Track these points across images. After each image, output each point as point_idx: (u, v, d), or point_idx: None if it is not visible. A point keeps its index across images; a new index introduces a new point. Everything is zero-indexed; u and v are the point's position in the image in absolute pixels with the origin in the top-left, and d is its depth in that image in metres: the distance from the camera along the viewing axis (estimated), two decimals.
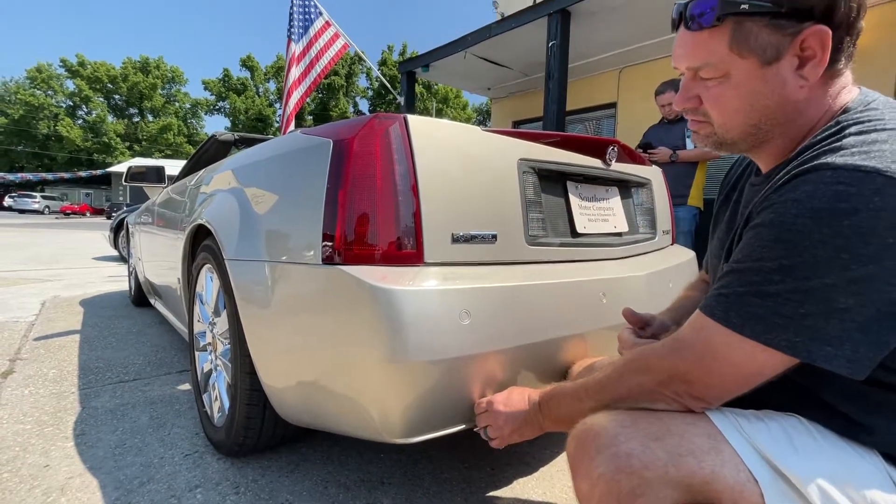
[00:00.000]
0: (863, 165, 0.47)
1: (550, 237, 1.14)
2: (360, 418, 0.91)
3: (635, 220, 1.47)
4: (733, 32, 0.55)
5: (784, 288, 0.49)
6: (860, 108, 0.55)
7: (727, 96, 0.58)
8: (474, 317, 0.86)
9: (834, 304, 0.47)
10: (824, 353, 0.48)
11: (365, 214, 0.89)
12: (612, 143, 1.31)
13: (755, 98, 0.57)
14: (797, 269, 0.48)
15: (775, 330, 0.50)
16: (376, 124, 0.92)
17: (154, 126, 42.55)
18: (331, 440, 1.39)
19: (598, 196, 1.32)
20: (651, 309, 1.25)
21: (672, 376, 0.57)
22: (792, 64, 0.54)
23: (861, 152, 0.48)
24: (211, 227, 1.27)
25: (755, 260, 0.52)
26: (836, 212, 0.46)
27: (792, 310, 0.49)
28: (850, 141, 0.50)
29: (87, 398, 1.66)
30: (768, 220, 0.51)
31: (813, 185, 0.48)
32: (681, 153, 2.77)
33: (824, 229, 0.46)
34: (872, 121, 0.52)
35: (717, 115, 0.61)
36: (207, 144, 2.37)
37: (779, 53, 0.54)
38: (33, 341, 2.36)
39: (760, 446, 0.53)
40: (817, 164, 0.50)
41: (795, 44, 0.53)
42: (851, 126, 0.52)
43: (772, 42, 0.54)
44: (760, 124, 0.59)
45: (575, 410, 0.67)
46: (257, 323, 1.06)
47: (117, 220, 5.89)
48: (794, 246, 0.48)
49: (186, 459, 1.27)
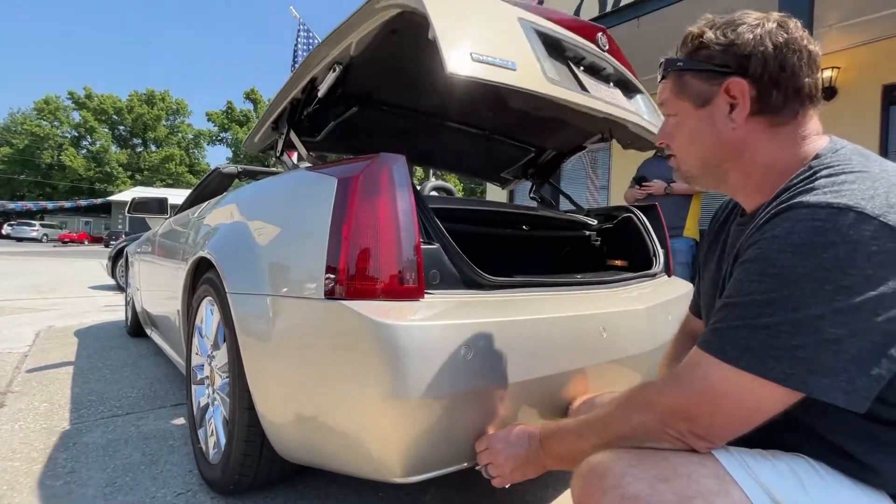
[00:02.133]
0: (835, 202, 0.50)
1: (565, 83, 1.19)
2: (360, 456, 0.90)
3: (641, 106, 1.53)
4: (676, 80, 0.69)
5: (775, 320, 0.51)
6: (829, 153, 0.60)
7: (679, 133, 0.71)
8: (476, 352, 0.86)
9: (824, 335, 0.48)
10: (820, 385, 0.49)
11: (367, 249, 0.90)
12: (600, 29, 1.40)
13: (695, 134, 0.68)
14: (786, 302, 0.50)
15: (770, 362, 0.51)
16: (380, 163, 0.95)
17: (156, 156, 43.18)
18: (327, 478, 1.36)
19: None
20: (651, 343, 1.25)
21: (674, 413, 0.57)
22: (724, 108, 0.64)
23: (832, 191, 0.52)
24: (213, 260, 1.28)
25: (745, 294, 0.54)
26: (815, 245, 0.49)
27: (785, 341, 0.50)
28: (821, 182, 0.55)
29: (78, 433, 1.63)
30: (754, 255, 0.54)
31: (791, 222, 0.52)
32: (675, 185, 2.82)
33: (805, 262, 0.49)
34: (840, 164, 0.56)
35: (676, 149, 0.73)
36: (211, 176, 2.41)
37: (708, 98, 0.65)
38: (26, 373, 2.32)
39: (769, 487, 0.53)
40: (793, 203, 0.54)
41: (722, 92, 0.64)
42: (822, 170, 0.57)
43: (702, 90, 0.66)
44: (706, 157, 0.69)
45: (577, 448, 0.66)
46: (258, 357, 1.06)
47: (116, 249, 5.89)
48: (779, 279, 0.51)
49: (179, 499, 1.24)
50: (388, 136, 1.92)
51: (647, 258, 1.58)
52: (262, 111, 2.99)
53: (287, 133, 1.48)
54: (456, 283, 1.02)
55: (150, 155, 43.62)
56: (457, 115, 1.79)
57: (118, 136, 43.95)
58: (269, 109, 1.55)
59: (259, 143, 1.75)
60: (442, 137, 1.93)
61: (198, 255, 1.43)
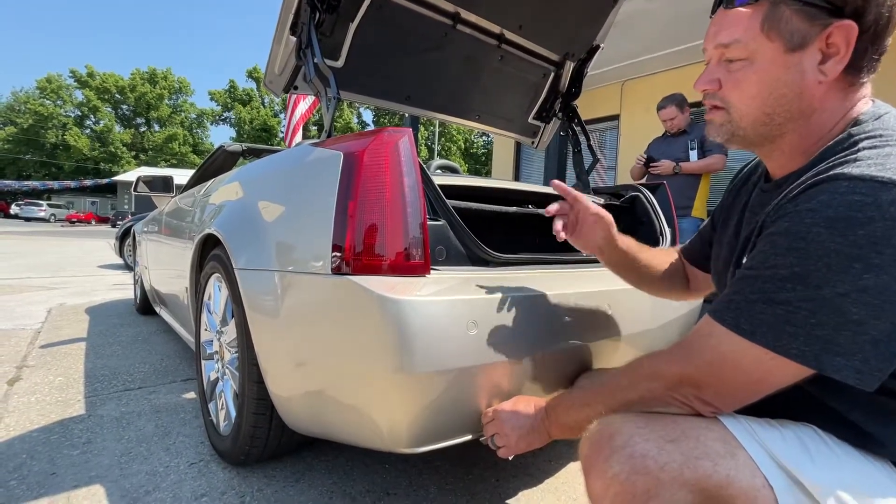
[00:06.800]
0: (879, 176, 0.47)
1: None
2: (367, 428, 0.92)
3: None
4: (767, 12, 0.57)
5: (796, 296, 0.49)
6: (871, 120, 0.56)
7: (749, 80, 0.60)
8: (482, 327, 0.87)
9: (846, 316, 0.47)
10: (834, 364, 0.49)
11: (374, 225, 0.90)
12: None
13: (774, 85, 0.58)
14: (810, 278, 0.48)
15: (786, 338, 0.50)
16: (386, 138, 0.94)
17: (160, 136, 43.01)
18: (336, 450, 1.39)
19: None
20: (656, 321, 1.26)
21: (682, 381, 0.58)
22: (815, 57, 0.56)
23: (877, 164, 0.49)
24: (220, 237, 1.28)
25: (768, 267, 0.52)
26: (851, 221, 0.47)
27: (803, 319, 0.49)
28: (865, 154, 0.51)
29: (93, 406, 1.67)
30: (783, 228, 0.52)
31: (829, 194, 0.49)
32: (684, 165, 2.78)
33: (838, 238, 0.47)
34: (884, 136, 0.53)
35: (736, 99, 0.62)
36: (216, 155, 2.40)
37: (804, 42, 0.56)
38: (40, 349, 2.37)
39: (775, 454, 0.54)
40: (833, 175, 0.50)
41: (822, 37, 0.55)
42: (864, 140, 0.53)
43: (800, 29, 0.56)
44: (774, 114, 0.60)
45: (583, 416, 0.67)
46: (266, 332, 1.08)
47: (123, 229, 5.94)
48: (807, 254, 0.49)
49: (192, 468, 1.28)
50: (401, 69, 1.76)
51: (654, 237, 1.57)
52: (264, 90, 2.83)
53: (310, 44, 1.32)
54: (462, 260, 1.02)
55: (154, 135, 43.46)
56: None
57: (121, 116, 43.72)
58: (282, 17, 1.40)
59: (281, 78, 1.56)
60: (455, 68, 1.83)
61: (205, 233, 1.43)
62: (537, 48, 1.93)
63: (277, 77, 1.59)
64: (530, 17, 1.79)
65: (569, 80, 2.07)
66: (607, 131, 5.55)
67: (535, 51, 1.94)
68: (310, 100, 5.19)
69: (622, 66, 4.72)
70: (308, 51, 1.34)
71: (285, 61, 1.53)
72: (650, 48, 4.28)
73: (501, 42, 1.83)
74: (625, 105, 5.18)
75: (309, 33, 1.33)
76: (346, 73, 1.58)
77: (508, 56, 1.89)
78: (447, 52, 1.77)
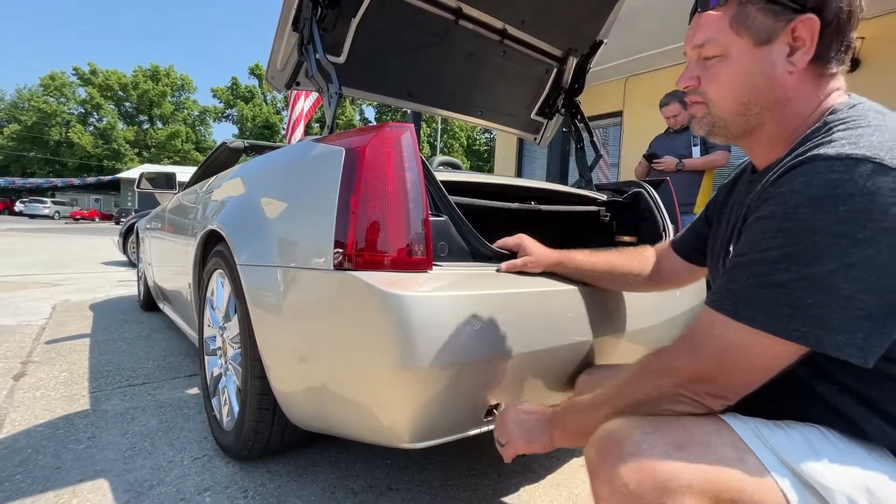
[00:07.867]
0: (853, 153, 0.49)
1: None
2: (370, 423, 0.92)
3: None
4: (735, 12, 0.62)
5: (789, 277, 0.50)
6: (846, 108, 0.58)
7: (723, 73, 0.64)
8: (484, 322, 0.87)
9: (839, 293, 0.48)
10: (835, 342, 0.49)
11: (376, 221, 0.90)
12: None
13: (747, 76, 0.62)
14: (801, 257, 0.49)
15: (784, 320, 0.51)
16: (388, 133, 0.93)
17: (163, 133, 43.10)
18: (338, 445, 1.40)
19: None
20: (659, 317, 1.26)
21: (691, 377, 0.58)
22: (783, 50, 0.60)
23: (850, 143, 0.51)
24: (223, 233, 1.29)
25: (759, 251, 0.53)
26: (833, 198, 0.48)
27: (798, 299, 0.50)
28: (838, 135, 0.53)
29: (97, 401, 1.68)
30: (769, 211, 0.53)
31: (808, 175, 0.51)
32: (687, 162, 2.77)
33: (822, 216, 0.48)
34: (857, 119, 0.55)
35: (713, 92, 0.66)
36: (218, 151, 2.40)
37: (771, 36, 0.60)
38: (45, 344, 2.39)
39: (784, 455, 0.54)
40: (810, 156, 0.52)
41: (787, 31, 0.59)
42: (839, 124, 0.56)
43: (767, 25, 0.60)
44: (750, 104, 0.63)
45: (589, 419, 0.66)
46: (268, 327, 1.08)
47: (126, 226, 5.95)
48: (795, 234, 0.50)
49: (195, 463, 1.28)
50: (403, 64, 1.75)
51: (656, 233, 1.57)
52: (266, 87, 2.78)
53: (312, 39, 1.32)
54: (464, 255, 1.02)
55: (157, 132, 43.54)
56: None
57: (124, 113, 43.83)
58: (284, 13, 1.39)
59: (283, 74, 1.55)
60: (457, 61, 1.81)
61: (207, 229, 1.44)
62: (540, 44, 1.92)
63: (279, 73, 1.59)
64: (533, 12, 1.78)
65: (572, 75, 2.05)
66: (610, 128, 5.53)
67: (537, 46, 1.92)
68: (312, 97, 5.18)
69: (625, 62, 4.70)
70: (310, 46, 1.34)
71: (287, 57, 1.53)
72: (653, 44, 4.26)
73: (504, 37, 1.82)
74: (628, 101, 5.15)
75: (311, 29, 1.33)
76: (348, 69, 1.58)
77: (511, 52, 1.88)
78: (449, 47, 1.77)
